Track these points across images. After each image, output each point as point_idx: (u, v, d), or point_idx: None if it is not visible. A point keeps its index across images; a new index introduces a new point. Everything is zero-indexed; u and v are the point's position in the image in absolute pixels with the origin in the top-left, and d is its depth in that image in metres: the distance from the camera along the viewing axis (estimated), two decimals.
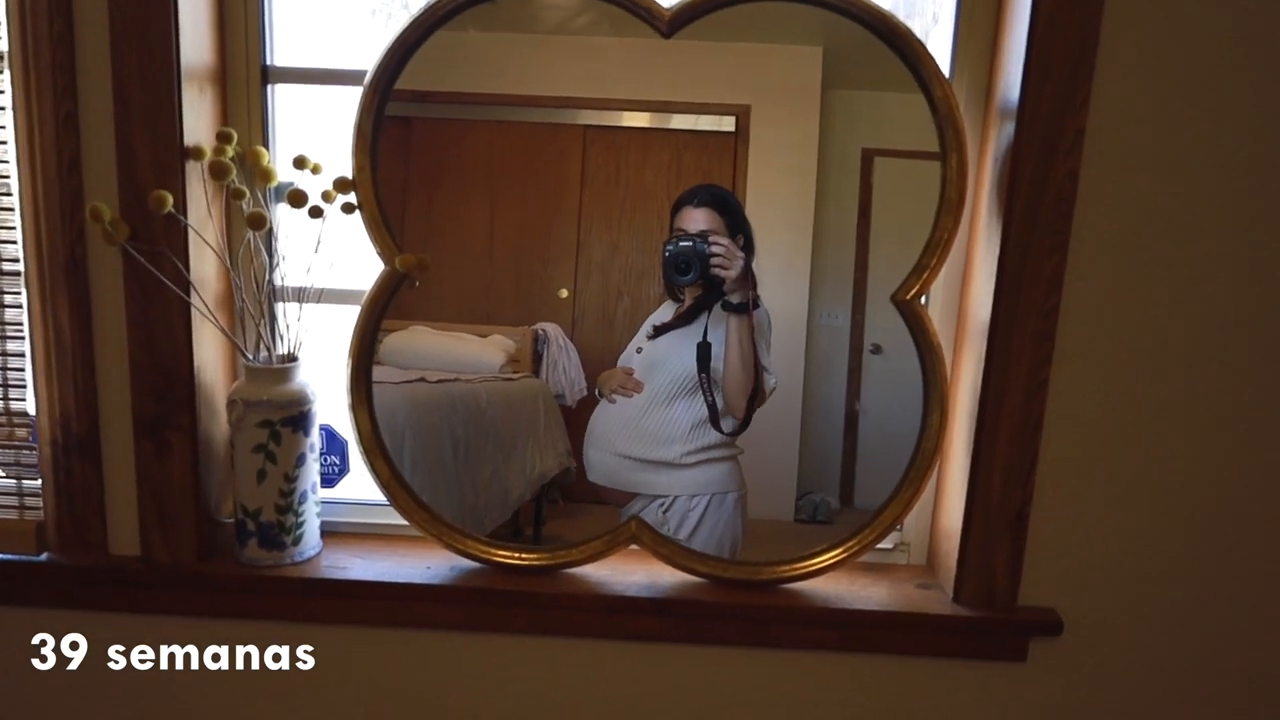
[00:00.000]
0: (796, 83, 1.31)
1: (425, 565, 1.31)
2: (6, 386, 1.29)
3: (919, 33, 1.20)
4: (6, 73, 1.19)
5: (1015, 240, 1.16)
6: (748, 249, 1.27)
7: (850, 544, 1.28)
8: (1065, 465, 1.24)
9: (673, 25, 1.21)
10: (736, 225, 1.28)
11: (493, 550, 1.30)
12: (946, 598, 1.29)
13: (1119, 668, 1.30)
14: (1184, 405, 1.22)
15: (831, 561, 1.28)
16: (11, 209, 1.23)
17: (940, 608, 1.27)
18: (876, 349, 1.35)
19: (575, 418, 1.37)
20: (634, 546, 1.30)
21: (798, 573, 1.29)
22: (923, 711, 1.32)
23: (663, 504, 1.31)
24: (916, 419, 1.26)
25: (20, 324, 1.26)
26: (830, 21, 1.20)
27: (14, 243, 1.24)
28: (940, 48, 1.25)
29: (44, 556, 1.30)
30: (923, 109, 1.20)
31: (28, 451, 1.30)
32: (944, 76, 1.18)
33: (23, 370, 1.28)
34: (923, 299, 1.25)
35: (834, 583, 1.32)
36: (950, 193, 1.20)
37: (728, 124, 1.31)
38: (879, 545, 1.30)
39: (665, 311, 1.32)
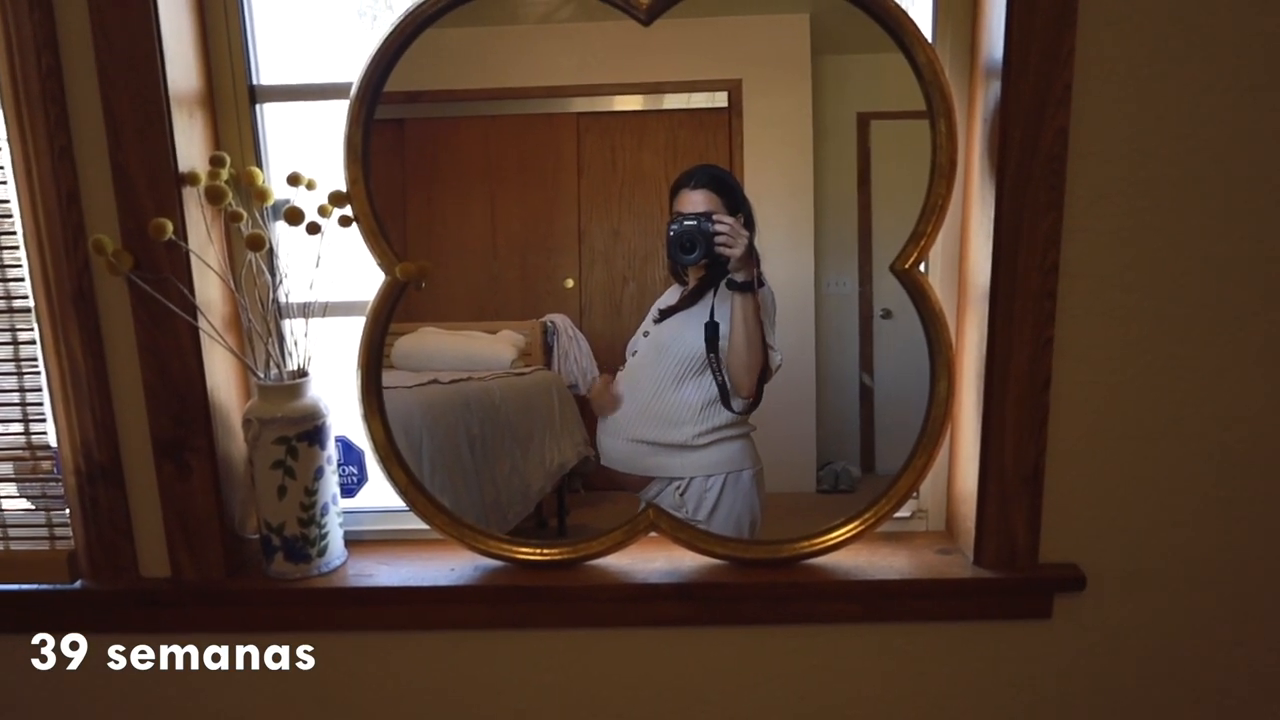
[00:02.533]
0: (785, 52, 1.30)
1: (449, 567, 1.33)
2: (27, 421, 1.31)
3: None
4: None
5: (1010, 200, 1.16)
6: (748, 227, 1.27)
7: (867, 515, 1.29)
8: (1077, 420, 1.24)
9: (651, 13, 1.21)
10: (735, 204, 1.28)
11: (514, 548, 1.31)
12: (968, 561, 1.30)
13: (1146, 617, 1.31)
14: (1193, 350, 1.22)
15: (850, 534, 1.29)
16: (16, 246, 1.25)
17: (962, 571, 1.28)
18: (887, 314, 1.34)
19: (590, 407, 1.38)
20: (654, 534, 1.31)
21: (817, 548, 1.30)
22: (952, 675, 1.33)
23: (679, 486, 1.32)
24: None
25: (35, 359, 1.28)
26: None
27: (22, 280, 1.26)
28: (920, 8, 1.24)
29: (78, 584, 1.32)
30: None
31: (54, 483, 1.33)
32: (926, 40, 1.18)
33: (42, 404, 1.30)
34: (922, 266, 1.25)
35: (854, 555, 1.32)
36: (941, 158, 1.20)
37: (720, 99, 1.31)
38: (897, 514, 1.31)
39: (671, 295, 1.33)
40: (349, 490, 1.41)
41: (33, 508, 1.35)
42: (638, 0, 1.20)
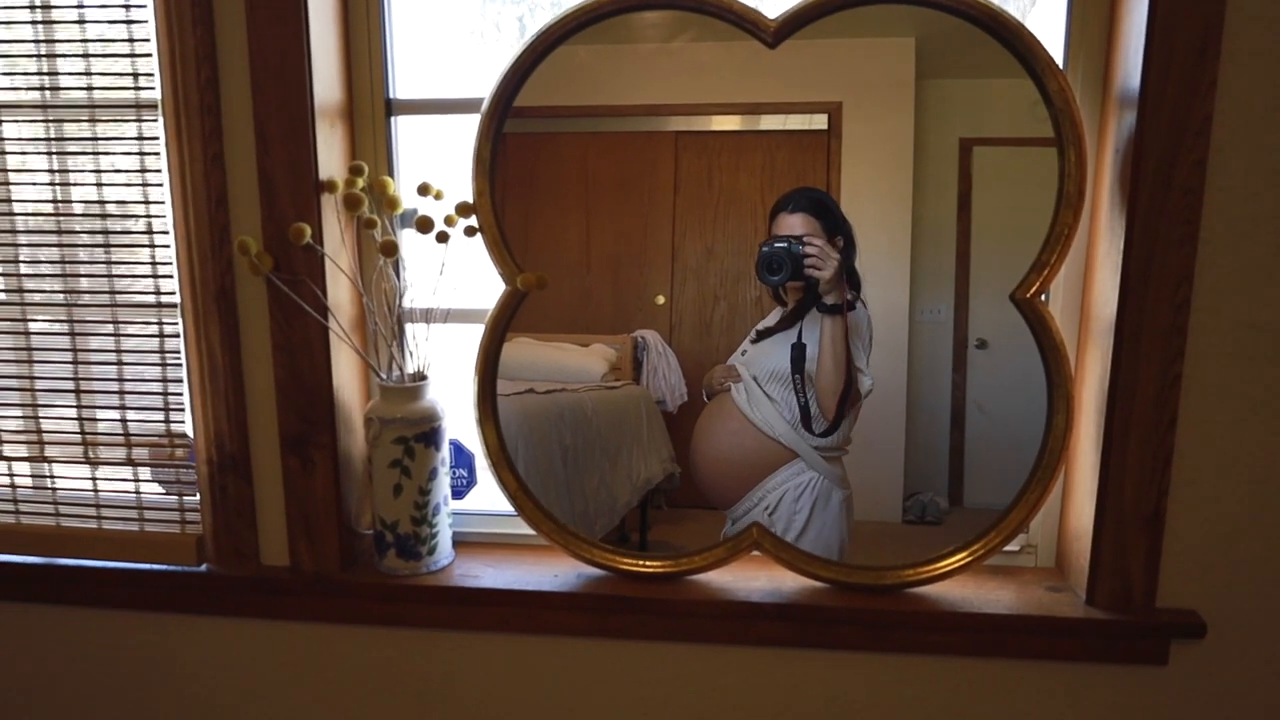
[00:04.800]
0: (889, 76, 1.29)
1: (553, 573, 1.36)
2: (168, 410, 1.39)
3: (1018, 15, 1.17)
4: (159, 120, 1.29)
5: (1141, 233, 1.13)
6: (849, 249, 1.27)
7: (976, 547, 1.27)
8: (1203, 461, 1.20)
9: (778, 36, 1.22)
10: (835, 227, 1.27)
11: (617, 558, 1.33)
12: (1079, 600, 1.26)
13: (1270, 671, 1.25)
14: None
15: (957, 565, 1.27)
16: (168, 246, 1.33)
17: (1073, 610, 1.24)
18: (982, 344, 1.32)
19: (677, 423, 1.39)
20: (756, 553, 1.31)
21: (923, 576, 1.28)
22: (1058, 716, 1.29)
23: (768, 507, 1.32)
24: (1028, 414, 1.24)
25: (179, 352, 1.36)
26: (923, 12, 1.19)
27: (171, 277, 1.34)
28: (1043, 31, 1.22)
29: (203, 567, 1.39)
30: (1021, 95, 1.18)
31: (187, 470, 1.40)
32: (1058, 67, 1.16)
33: (182, 395, 1.38)
34: (1043, 296, 1.22)
35: (960, 586, 1.30)
36: (1069, 187, 1.18)
37: (819, 122, 1.31)
38: (1005, 548, 1.28)
39: (773, 316, 1.33)
40: (458, 492, 1.45)
41: (166, 493, 1.43)
42: (765, 23, 1.22)
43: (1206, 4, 1.08)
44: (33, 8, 1.31)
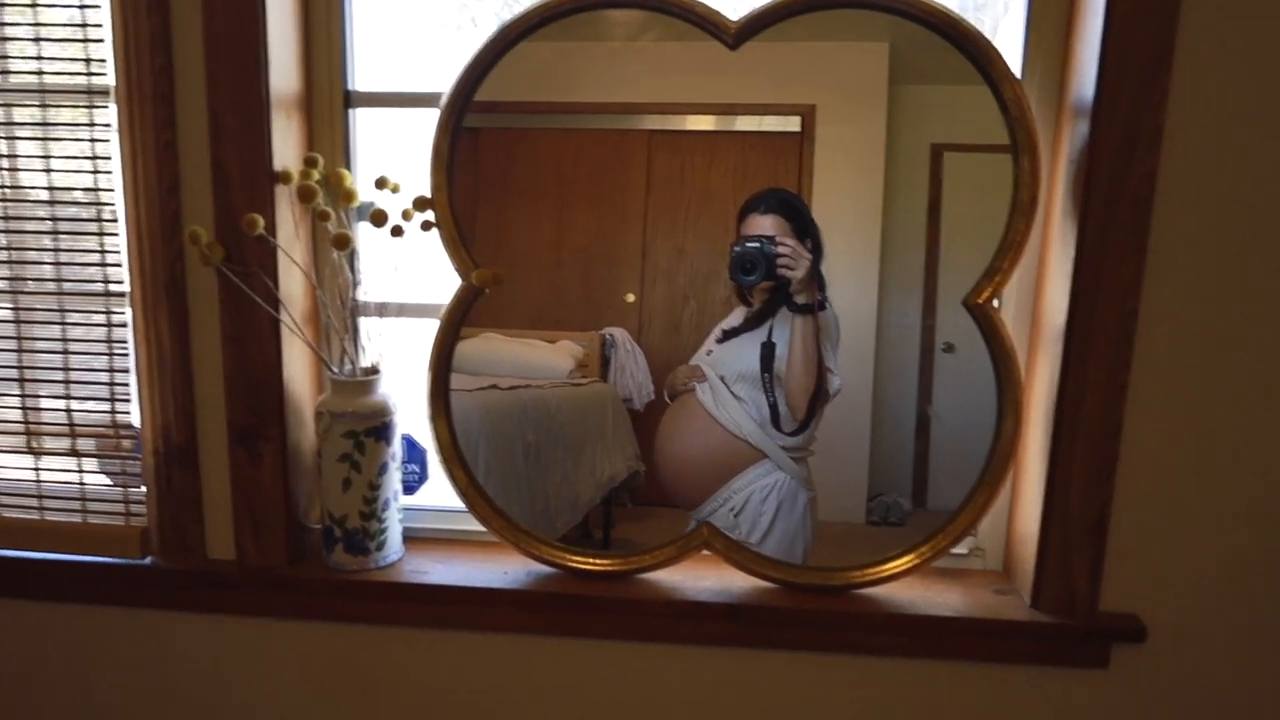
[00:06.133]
0: (863, 80, 1.30)
1: (503, 570, 1.35)
2: (114, 400, 1.37)
3: (990, 24, 1.19)
4: (112, 107, 1.27)
5: (1092, 242, 1.14)
6: (816, 251, 1.28)
7: (923, 549, 1.28)
8: (1147, 468, 1.21)
9: (739, 38, 1.23)
10: (804, 229, 1.28)
11: (567, 556, 1.33)
12: (1024, 603, 1.27)
13: (1206, 675, 1.27)
14: (1269, 405, 1.19)
15: (905, 567, 1.28)
16: (117, 234, 1.31)
17: (1018, 613, 1.26)
18: (949, 348, 1.33)
19: (643, 421, 1.39)
20: (706, 552, 1.31)
21: (870, 578, 1.29)
22: (1002, 718, 1.30)
23: (734, 508, 1.32)
24: (992, 419, 1.25)
25: (126, 341, 1.34)
26: (897, 17, 1.19)
27: (120, 265, 1.32)
28: (1012, 41, 1.24)
29: (147, 560, 1.37)
30: (991, 102, 1.18)
31: (133, 461, 1.38)
32: (1014, 76, 1.17)
33: (128, 385, 1.36)
34: (995, 302, 1.24)
35: (907, 588, 1.31)
36: (1023, 194, 1.19)
37: (793, 124, 1.31)
38: (953, 551, 1.29)
39: (736, 316, 1.33)
40: (410, 488, 1.44)
41: (111, 484, 1.40)
42: (725, 24, 1.22)
43: (1160, 17, 1.09)
44: None
